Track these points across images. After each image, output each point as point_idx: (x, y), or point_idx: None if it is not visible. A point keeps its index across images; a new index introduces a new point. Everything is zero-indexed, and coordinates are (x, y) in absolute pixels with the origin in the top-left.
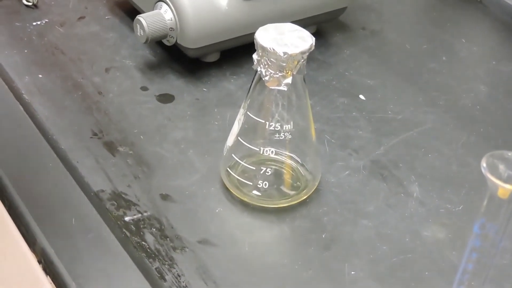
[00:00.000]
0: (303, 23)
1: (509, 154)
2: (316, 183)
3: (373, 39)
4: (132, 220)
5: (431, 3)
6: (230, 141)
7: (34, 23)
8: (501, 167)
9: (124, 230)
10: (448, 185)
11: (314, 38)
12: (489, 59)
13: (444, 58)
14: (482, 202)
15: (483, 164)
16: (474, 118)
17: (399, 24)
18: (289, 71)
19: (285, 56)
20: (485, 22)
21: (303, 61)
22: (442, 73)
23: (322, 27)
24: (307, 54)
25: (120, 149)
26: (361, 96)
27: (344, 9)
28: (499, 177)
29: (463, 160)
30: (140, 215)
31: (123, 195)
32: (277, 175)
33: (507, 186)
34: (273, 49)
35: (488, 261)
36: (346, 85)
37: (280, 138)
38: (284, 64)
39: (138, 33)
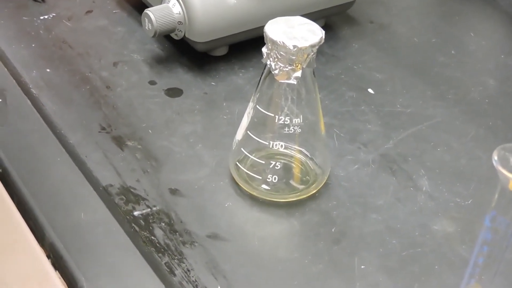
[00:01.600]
0: (312, 16)
1: None
2: (326, 177)
3: (381, 33)
4: (141, 214)
5: None
6: (239, 135)
7: (42, 17)
8: None
9: (133, 224)
10: (457, 179)
11: (323, 32)
12: (497, 53)
13: (452, 52)
14: (491, 195)
15: (495, 157)
16: (483, 111)
17: (407, 17)
18: (299, 65)
19: (295, 49)
20: (493, 16)
21: (312, 55)
22: (450, 67)
23: (331, 20)
24: (316, 47)
25: (129, 143)
26: (370, 90)
27: (352, 2)
28: (511, 170)
29: (472, 154)
30: (149, 209)
31: (132, 190)
32: (286, 169)
33: None
34: (283, 43)
35: (498, 255)
36: (355, 79)
37: (290, 132)
38: (294, 57)
39: (146, 27)
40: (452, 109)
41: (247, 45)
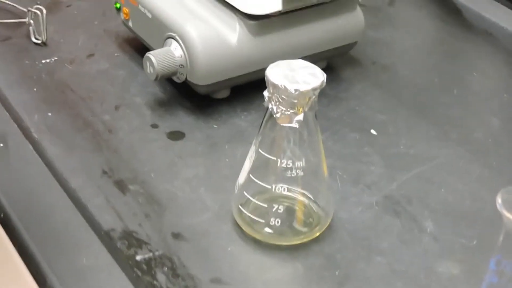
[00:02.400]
0: (314, 58)
1: None
2: (329, 220)
3: (384, 74)
4: (144, 259)
5: (441, 37)
6: (241, 178)
7: (43, 61)
8: None
9: (135, 269)
10: (462, 220)
11: (325, 75)
12: (501, 92)
13: (455, 92)
14: (497, 236)
15: (499, 200)
16: (487, 151)
17: (410, 58)
18: (301, 108)
19: (297, 93)
20: (496, 55)
21: (314, 98)
22: (453, 107)
23: (333, 61)
24: (318, 90)
25: (131, 187)
26: (373, 131)
27: (354, 43)
28: None
29: (477, 195)
30: (151, 254)
31: (134, 234)
32: (289, 212)
33: None
34: (284, 86)
35: None
36: (358, 120)
37: (292, 175)
38: (296, 101)
39: (148, 70)
40: (456, 149)
41: (249, 88)
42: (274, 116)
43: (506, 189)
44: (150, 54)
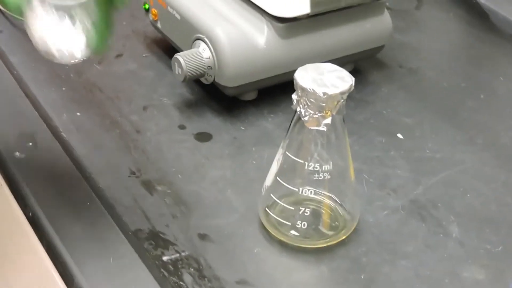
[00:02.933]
0: (341, 61)
1: None
2: (355, 223)
3: (410, 77)
4: (170, 260)
5: (468, 41)
6: (268, 180)
7: (72, 61)
8: None
9: (162, 270)
10: (487, 225)
11: (353, 79)
12: None
13: (482, 96)
14: None
15: None
16: None
17: (436, 62)
18: (329, 112)
19: (325, 96)
20: None
21: (342, 101)
22: (480, 111)
23: (360, 65)
24: (346, 94)
25: (158, 188)
26: (399, 135)
27: (381, 47)
28: None
29: (503, 200)
30: (178, 255)
31: (161, 235)
32: (316, 215)
33: None
34: (313, 90)
35: None
36: (384, 124)
37: (319, 178)
38: (324, 104)
39: (176, 72)
40: (482, 154)
41: (276, 90)
42: (302, 119)
43: None
44: (178, 55)
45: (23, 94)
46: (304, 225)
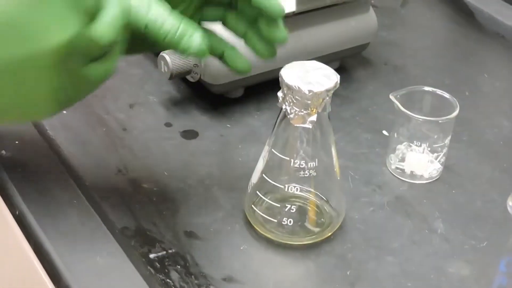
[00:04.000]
0: (327, 58)
1: None
2: (341, 220)
3: (396, 74)
4: (157, 257)
5: (453, 38)
6: (254, 178)
7: None
8: None
9: (149, 267)
10: (472, 221)
11: (339, 76)
12: (511, 94)
13: (467, 93)
14: (507, 238)
15: (509, 203)
16: (498, 153)
17: (421, 59)
18: (314, 109)
19: (310, 94)
20: (507, 57)
21: (328, 99)
22: (465, 108)
23: (345, 62)
24: (332, 92)
25: (145, 185)
26: (385, 132)
27: (367, 45)
28: None
29: (487, 196)
30: (165, 252)
31: (148, 232)
32: (302, 212)
33: None
34: (298, 87)
35: None
36: (370, 121)
37: (305, 175)
38: (309, 102)
39: (162, 69)
40: (467, 151)
41: (262, 87)
42: (288, 116)
43: None
44: (164, 53)
45: None
46: (290, 222)
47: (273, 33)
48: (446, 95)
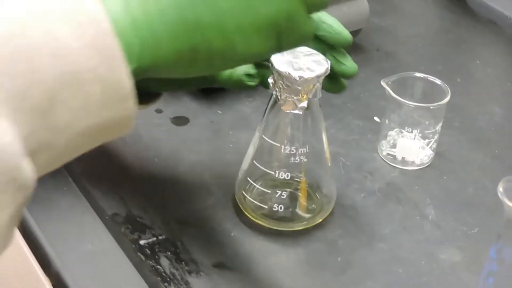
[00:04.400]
0: None
1: None
2: (332, 206)
3: (387, 61)
4: (147, 243)
5: (445, 25)
6: (245, 164)
7: None
8: None
9: (139, 254)
10: (463, 207)
11: (329, 62)
12: (504, 81)
13: (458, 80)
14: (498, 224)
15: (500, 189)
16: (490, 140)
17: (413, 46)
18: (305, 95)
19: (301, 80)
20: (499, 43)
21: (318, 85)
22: (456, 95)
23: None
24: (322, 78)
25: (135, 172)
26: (376, 118)
27: (359, 31)
28: None
29: (479, 183)
30: (155, 238)
31: (138, 219)
32: (293, 198)
33: None
34: (289, 73)
35: (505, 286)
36: (361, 107)
37: (296, 161)
38: (300, 88)
39: None
40: (459, 137)
41: None
42: (278, 102)
43: (507, 178)
44: None
45: None
46: (281, 208)
47: (341, 67)
48: (438, 81)
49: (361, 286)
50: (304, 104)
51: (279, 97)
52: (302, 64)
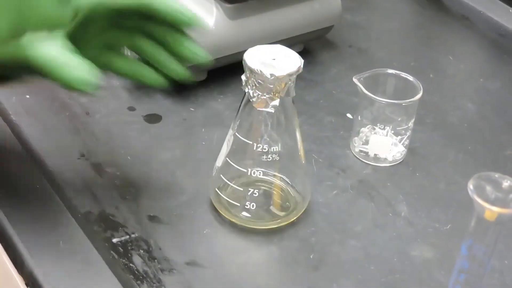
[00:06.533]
0: (290, 41)
1: (496, 175)
2: (306, 204)
3: (360, 57)
4: (120, 241)
5: (418, 21)
6: (219, 161)
7: None
8: (488, 188)
9: (111, 252)
10: (436, 204)
11: (302, 60)
12: (476, 77)
13: (431, 76)
14: (470, 220)
15: (470, 186)
16: (462, 136)
17: (386, 41)
18: (277, 93)
19: (272, 78)
20: (472, 39)
21: (291, 83)
22: (429, 91)
23: (310, 45)
24: (294, 76)
25: (108, 170)
26: (349, 115)
27: (331, 27)
28: (486, 199)
29: (451, 179)
30: (127, 236)
31: (111, 217)
32: (266, 196)
33: (494, 208)
34: (261, 71)
35: (476, 282)
36: (334, 104)
37: (268, 159)
38: (272, 86)
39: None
40: (431, 134)
41: (226, 71)
42: (251, 100)
43: (478, 174)
44: None
45: None
46: (253, 206)
47: (182, 48)
48: (410, 77)
49: (333, 283)
50: (276, 102)
51: (251, 95)
52: (274, 62)
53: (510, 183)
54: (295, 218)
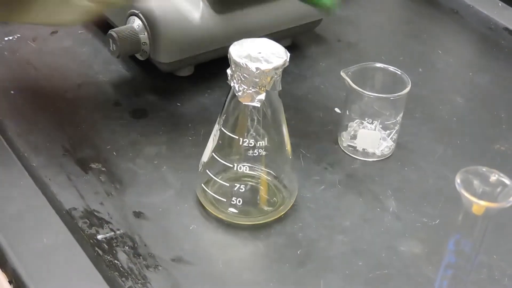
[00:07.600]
0: (278, 35)
1: (484, 169)
2: (293, 199)
3: (349, 51)
4: (105, 238)
5: (407, 15)
6: (205, 157)
7: (6, 38)
8: (476, 182)
9: (96, 248)
10: (424, 199)
11: (288, 54)
12: (465, 71)
13: (420, 70)
14: (459, 215)
15: (457, 180)
16: (451, 130)
17: (375, 36)
18: (263, 87)
19: (258, 72)
20: (461, 33)
21: (277, 77)
22: (418, 85)
23: (298, 39)
24: (280, 70)
25: (93, 165)
26: (337, 109)
27: (319, 21)
28: (474, 193)
29: (440, 173)
30: (112, 233)
31: (96, 213)
32: (253, 192)
33: (482, 202)
34: (246, 65)
35: (464, 277)
36: (322, 98)
37: (254, 154)
38: (257, 80)
39: (111, 48)
40: (420, 128)
41: (213, 65)
42: (236, 94)
43: (465, 168)
44: (113, 31)
45: None
46: (239, 201)
47: None
48: (398, 71)
49: (320, 278)
50: (262, 96)
51: (237, 89)
52: (260, 56)
53: (497, 177)
54: (282, 213)
